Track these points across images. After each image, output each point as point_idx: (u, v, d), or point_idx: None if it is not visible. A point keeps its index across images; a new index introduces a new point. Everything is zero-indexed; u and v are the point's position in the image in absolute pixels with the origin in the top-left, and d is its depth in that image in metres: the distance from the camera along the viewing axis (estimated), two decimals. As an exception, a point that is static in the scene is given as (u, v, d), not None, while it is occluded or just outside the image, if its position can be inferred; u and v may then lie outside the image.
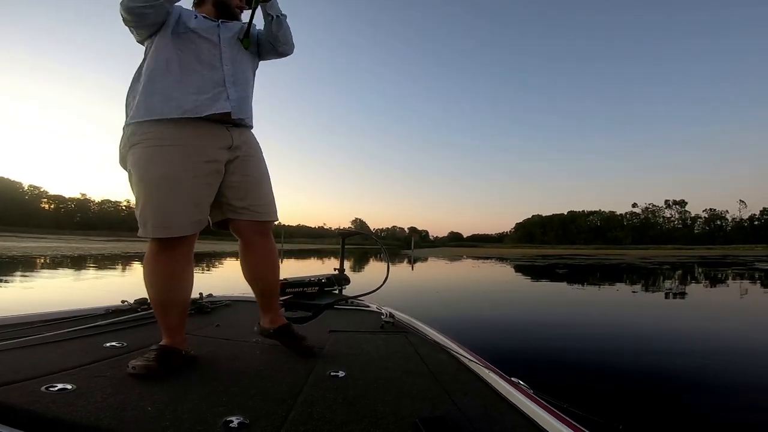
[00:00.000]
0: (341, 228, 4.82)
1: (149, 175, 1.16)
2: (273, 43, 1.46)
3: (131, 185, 1.21)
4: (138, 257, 13.69)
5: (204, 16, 1.35)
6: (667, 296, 6.63)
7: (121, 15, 1.21)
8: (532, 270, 13.00)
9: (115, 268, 9.38)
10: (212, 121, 1.26)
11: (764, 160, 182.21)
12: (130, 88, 1.27)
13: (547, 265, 16.08)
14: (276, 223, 1.46)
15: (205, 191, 1.24)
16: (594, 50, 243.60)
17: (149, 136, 1.17)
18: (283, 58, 1.57)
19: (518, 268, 13.79)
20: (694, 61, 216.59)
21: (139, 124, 1.19)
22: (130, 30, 1.27)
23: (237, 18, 1.45)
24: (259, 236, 1.38)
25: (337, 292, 2.82)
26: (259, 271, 1.41)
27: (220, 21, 1.37)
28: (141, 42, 1.30)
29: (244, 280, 1.46)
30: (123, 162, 1.24)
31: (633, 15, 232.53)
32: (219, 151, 1.27)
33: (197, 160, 1.21)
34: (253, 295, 2.58)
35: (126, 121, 1.22)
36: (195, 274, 1.32)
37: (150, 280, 1.21)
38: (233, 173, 1.31)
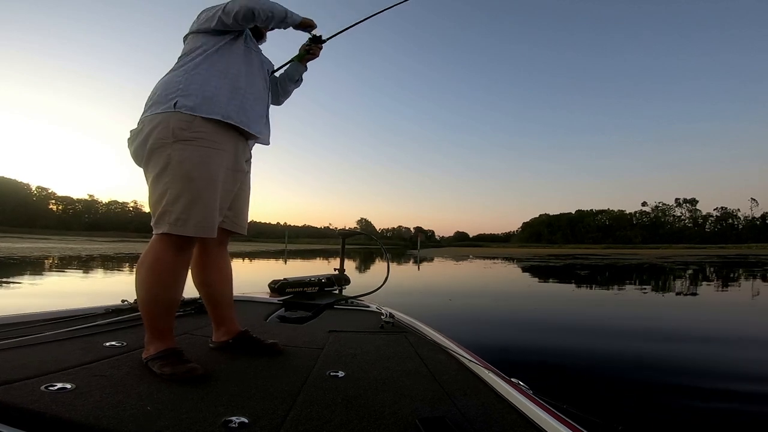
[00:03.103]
0: (345, 228, 4.82)
1: (200, 175, 1.16)
2: (282, 93, 1.63)
3: (164, 176, 1.15)
4: (131, 258, 12.93)
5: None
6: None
7: (236, 11, 1.24)
8: (549, 271, 11.95)
9: (94, 269, 8.95)
10: (244, 133, 1.32)
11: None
12: (174, 76, 1.24)
13: (563, 265, 15.19)
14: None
15: (227, 198, 1.30)
16: (602, 46, 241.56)
17: (204, 136, 1.18)
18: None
19: (532, 269, 12.93)
20: (704, 57, 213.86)
21: (192, 117, 1.17)
22: (216, 18, 1.26)
23: (262, 39, 1.53)
24: (222, 246, 1.43)
25: (337, 292, 2.83)
26: (220, 279, 1.41)
27: (258, 47, 1.46)
28: (211, 31, 1.29)
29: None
30: (153, 149, 1.17)
31: (643, 7, 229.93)
32: (244, 163, 1.38)
33: (233, 168, 1.29)
34: (254, 295, 2.60)
35: (161, 108, 1.18)
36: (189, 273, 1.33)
37: (160, 279, 1.16)
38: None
